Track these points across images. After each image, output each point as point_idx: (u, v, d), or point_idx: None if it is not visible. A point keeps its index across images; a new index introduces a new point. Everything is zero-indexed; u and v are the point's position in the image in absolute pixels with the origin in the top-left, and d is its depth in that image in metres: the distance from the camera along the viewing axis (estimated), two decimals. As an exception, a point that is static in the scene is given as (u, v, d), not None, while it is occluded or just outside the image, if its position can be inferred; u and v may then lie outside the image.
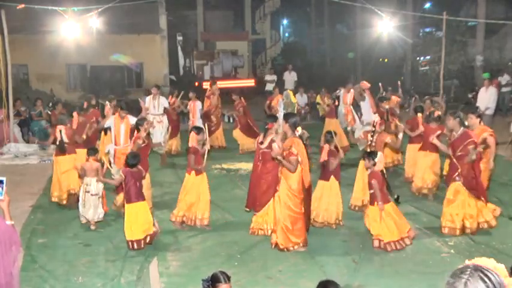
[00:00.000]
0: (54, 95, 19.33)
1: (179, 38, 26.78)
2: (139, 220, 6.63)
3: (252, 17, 30.87)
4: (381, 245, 6.54)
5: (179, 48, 27.04)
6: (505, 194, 8.79)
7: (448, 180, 7.41)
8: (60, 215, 8.19)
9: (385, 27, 16.58)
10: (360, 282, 5.74)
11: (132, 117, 9.19)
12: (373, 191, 6.60)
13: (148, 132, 8.23)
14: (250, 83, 24.70)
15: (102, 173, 7.70)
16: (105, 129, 10.29)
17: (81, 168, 7.66)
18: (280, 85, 17.22)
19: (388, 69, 26.89)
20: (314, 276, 5.51)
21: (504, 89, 17.06)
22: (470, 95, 17.06)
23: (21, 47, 18.18)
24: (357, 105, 13.20)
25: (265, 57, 30.96)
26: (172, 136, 12.52)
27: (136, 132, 8.04)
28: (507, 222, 7.64)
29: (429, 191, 8.83)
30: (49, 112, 13.66)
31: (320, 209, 7.39)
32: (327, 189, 7.40)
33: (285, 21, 43.29)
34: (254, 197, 7.41)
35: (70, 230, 7.54)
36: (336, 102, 13.22)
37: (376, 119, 8.07)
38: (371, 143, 7.97)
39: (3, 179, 3.88)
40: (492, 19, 21.22)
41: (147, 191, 7.59)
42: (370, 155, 6.77)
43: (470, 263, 1.89)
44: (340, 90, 13.74)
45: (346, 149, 11.94)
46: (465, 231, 7.04)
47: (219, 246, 6.84)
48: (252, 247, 6.77)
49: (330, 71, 29.48)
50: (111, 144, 9.35)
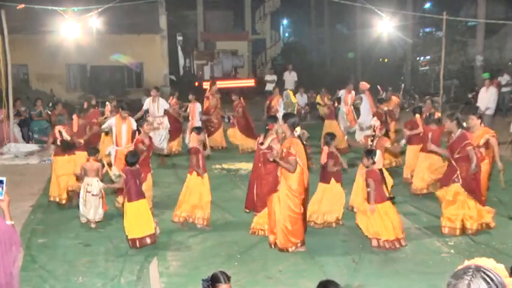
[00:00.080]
0: (54, 95, 19.34)
1: (179, 38, 26.83)
2: (140, 218, 6.64)
3: (252, 17, 30.89)
4: (380, 243, 6.54)
5: (179, 48, 27.09)
6: (505, 194, 8.77)
7: (443, 180, 7.37)
8: (60, 215, 8.19)
9: (385, 27, 16.58)
10: (360, 282, 5.73)
11: (134, 122, 9.16)
12: (369, 190, 6.60)
13: (149, 137, 8.19)
14: (250, 83, 24.72)
15: (102, 174, 7.70)
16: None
17: (82, 168, 7.66)
18: (280, 85, 17.22)
19: (388, 69, 26.91)
20: (314, 276, 5.50)
21: (504, 89, 17.04)
22: (470, 95, 17.06)
23: (21, 47, 18.19)
24: (357, 109, 13.23)
25: (265, 57, 30.98)
26: (173, 138, 12.50)
27: (137, 134, 8.04)
28: (507, 222, 7.63)
29: (429, 188, 8.81)
30: (49, 112, 13.65)
31: (320, 212, 7.38)
32: (328, 192, 7.39)
33: (285, 21, 43.30)
34: (253, 198, 7.39)
35: (70, 230, 7.54)
36: (336, 104, 13.21)
37: (376, 123, 8.05)
38: (371, 147, 7.98)
39: (3, 179, 3.88)
40: (492, 19, 21.20)
41: (148, 192, 7.58)
42: (369, 154, 6.77)
43: (470, 263, 1.89)
44: (341, 94, 13.64)
45: (346, 150, 11.95)
46: (465, 231, 7.04)
47: (219, 246, 6.83)
48: (252, 247, 6.77)
49: (330, 71, 29.47)
50: (113, 146, 9.34)
